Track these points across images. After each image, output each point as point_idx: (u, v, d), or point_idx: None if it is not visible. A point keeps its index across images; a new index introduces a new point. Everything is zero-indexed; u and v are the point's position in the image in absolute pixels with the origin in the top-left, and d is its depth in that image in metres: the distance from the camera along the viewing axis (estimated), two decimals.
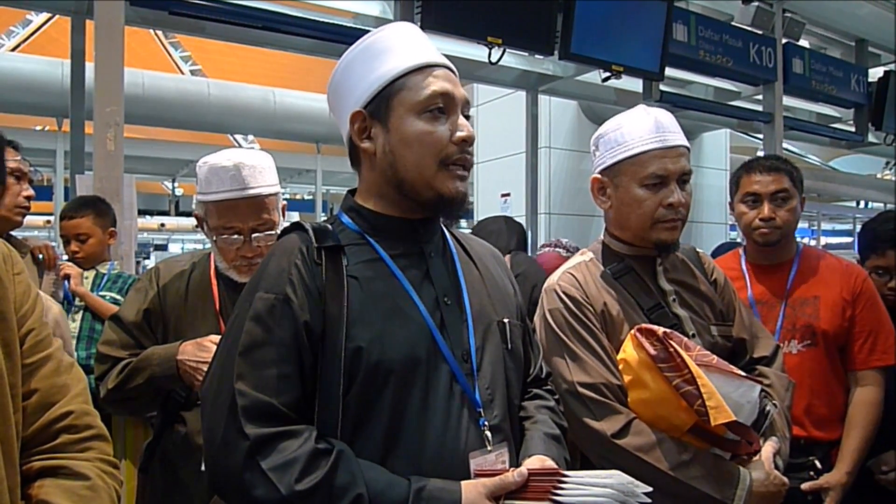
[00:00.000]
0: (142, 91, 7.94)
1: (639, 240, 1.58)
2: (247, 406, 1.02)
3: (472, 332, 1.17)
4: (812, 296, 2.01)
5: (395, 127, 1.14)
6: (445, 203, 1.15)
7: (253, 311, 1.09)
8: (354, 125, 1.17)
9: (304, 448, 1.00)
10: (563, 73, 5.17)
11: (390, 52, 1.16)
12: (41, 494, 0.91)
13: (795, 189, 2.03)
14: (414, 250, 1.19)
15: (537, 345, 1.39)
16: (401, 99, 1.14)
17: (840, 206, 17.64)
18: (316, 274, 1.10)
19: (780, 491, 1.44)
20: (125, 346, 1.69)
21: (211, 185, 1.67)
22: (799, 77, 5.63)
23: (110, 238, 2.81)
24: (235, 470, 1.00)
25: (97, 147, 2.73)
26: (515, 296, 1.34)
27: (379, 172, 1.17)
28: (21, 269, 1.01)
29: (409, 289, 1.14)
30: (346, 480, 0.99)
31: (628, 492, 1.02)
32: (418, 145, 1.13)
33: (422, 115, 1.13)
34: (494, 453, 1.12)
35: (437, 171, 1.13)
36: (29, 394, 0.95)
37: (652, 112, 1.55)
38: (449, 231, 1.30)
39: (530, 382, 1.33)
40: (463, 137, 1.14)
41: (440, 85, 1.14)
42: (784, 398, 1.61)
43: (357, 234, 1.19)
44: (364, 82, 1.16)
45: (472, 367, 1.15)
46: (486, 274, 1.28)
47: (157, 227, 18.66)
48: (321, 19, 3.84)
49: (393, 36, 1.18)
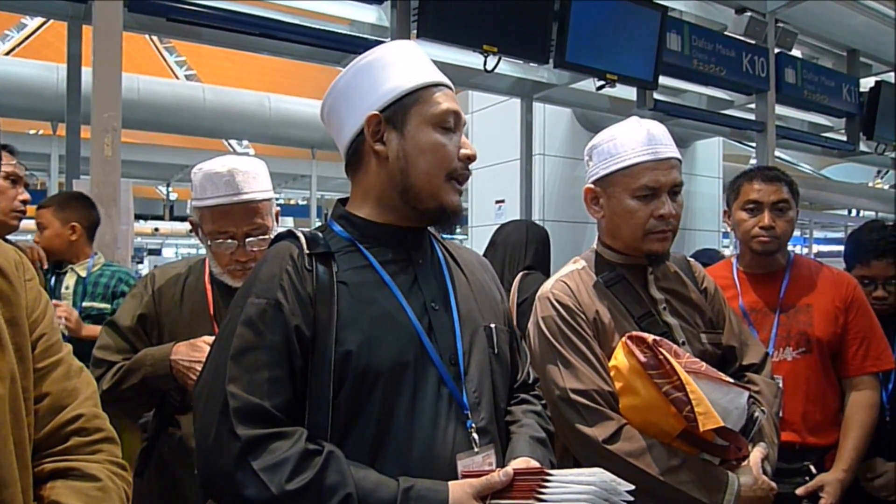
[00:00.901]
0: (137, 96, 7.91)
1: (630, 249, 1.60)
2: (238, 408, 1.04)
3: (460, 336, 1.20)
4: (805, 304, 2.04)
5: (411, 135, 1.19)
6: (446, 214, 1.21)
7: (245, 315, 1.11)
8: (370, 127, 1.20)
9: (294, 449, 1.03)
10: (557, 81, 5.20)
11: (403, 66, 1.22)
12: (53, 495, 0.93)
13: (793, 200, 2.07)
14: (403, 257, 1.23)
15: (524, 350, 1.42)
16: (418, 109, 1.19)
17: (832, 214, 17.74)
18: (307, 280, 1.13)
19: (768, 496, 1.46)
20: (120, 350, 1.71)
21: (206, 190, 1.69)
22: (791, 87, 5.67)
23: (71, 233, 2.79)
24: (227, 470, 1.02)
25: (94, 152, 2.74)
26: (502, 302, 1.38)
27: (387, 176, 1.20)
28: (32, 276, 1.02)
29: (397, 294, 1.17)
30: (335, 480, 1.01)
31: (611, 489, 1.05)
32: (432, 155, 1.18)
33: (436, 127, 1.19)
34: (481, 454, 1.15)
35: (443, 182, 1.19)
36: (40, 397, 0.97)
37: (645, 124, 1.58)
38: (436, 239, 1.34)
39: (517, 387, 1.35)
40: (468, 155, 1.22)
41: (451, 104, 1.21)
42: (772, 404, 1.63)
43: (347, 241, 1.22)
44: (380, 89, 1.20)
45: (460, 371, 1.18)
46: (473, 280, 1.32)
47: (152, 232, 18.60)
48: (317, 26, 3.85)
49: (403, 52, 1.25)
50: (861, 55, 6.52)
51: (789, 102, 5.92)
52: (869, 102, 6.37)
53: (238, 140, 13.78)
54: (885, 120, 6.38)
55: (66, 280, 2.80)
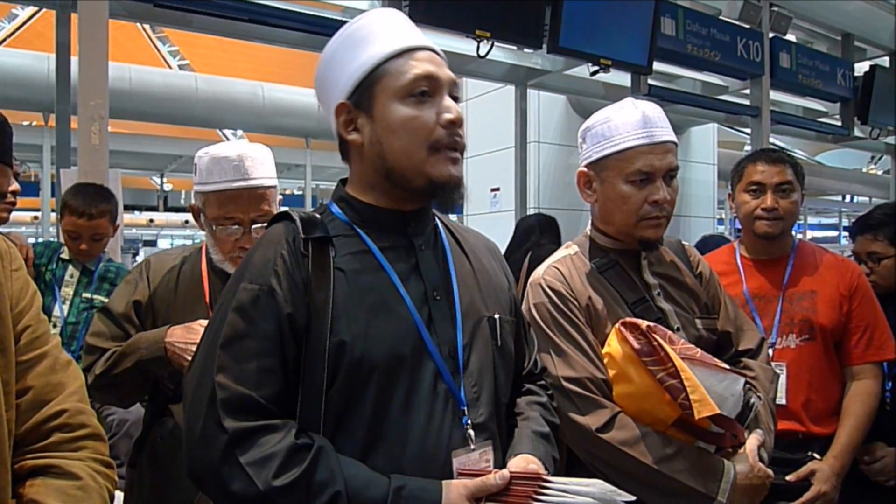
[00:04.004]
0: (129, 86, 7.87)
1: (623, 235, 1.58)
2: (226, 399, 1.00)
3: (461, 328, 1.15)
4: (809, 290, 2.01)
5: (379, 115, 1.11)
6: (438, 188, 1.12)
7: (236, 301, 1.07)
8: (340, 118, 1.15)
9: (283, 443, 0.99)
10: (551, 67, 5.18)
11: (371, 40, 1.14)
12: (31, 494, 0.91)
13: (798, 183, 2.03)
14: (404, 243, 1.17)
15: (532, 339, 1.38)
16: (383, 86, 1.11)
17: (826, 200, 17.78)
18: (302, 265, 1.08)
19: (764, 483, 1.44)
20: (114, 337, 1.69)
21: (212, 174, 1.66)
22: (786, 71, 5.65)
23: (115, 231, 2.78)
24: (213, 463, 0.99)
25: (82, 141, 2.71)
26: (509, 289, 1.32)
27: (368, 164, 1.15)
28: (20, 266, 1.00)
29: (396, 283, 1.12)
30: (324, 477, 0.98)
31: (609, 500, 1.02)
32: (404, 132, 1.10)
33: (406, 100, 1.10)
34: (478, 452, 1.11)
35: (427, 156, 1.10)
36: (23, 391, 0.94)
37: (640, 106, 1.54)
38: (442, 222, 1.28)
39: (524, 377, 1.31)
40: (450, 119, 1.11)
41: (423, 68, 1.12)
42: (769, 390, 1.61)
43: (346, 224, 1.16)
44: (346, 73, 1.14)
45: (459, 365, 1.13)
46: (478, 267, 1.26)
47: (146, 223, 18.57)
48: (309, 12, 3.81)
49: (373, 23, 1.16)
50: (855, 39, 6.50)
51: (784, 87, 5.92)
52: (863, 87, 6.37)
53: (232, 130, 13.73)
54: (879, 104, 6.38)
55: (70, 268, 2.77)
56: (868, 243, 2.27)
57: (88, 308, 2.75)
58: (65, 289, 2.73)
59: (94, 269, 2.81)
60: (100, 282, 2.79)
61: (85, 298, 2.75)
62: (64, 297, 2.73)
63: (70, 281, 2.75)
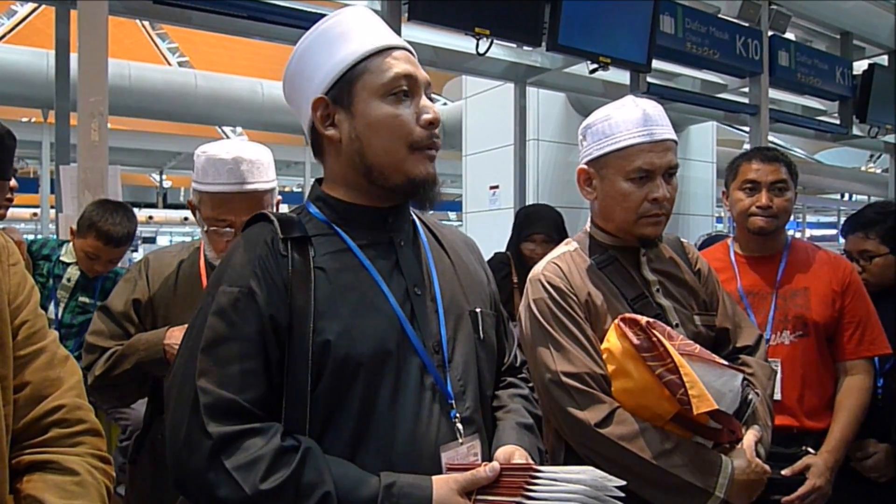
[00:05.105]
0: (128, 82, 7.84)
1: (623, 232, 1.58)
2: (209, 404, 0.99)
3: (444, 322, 1.16)
4: (802, 287, 2.03)
5: (360, 112, 1.11)
6: (417, 187, 1.13)
7: (216, 305, 1.06)
8: (317, 112, 1.14)
9: (269, 446, 0.98)
10: (551, 65, 5.18)
11: (348, 37, 1.14)
12: (29, 489, 0.90)
13: (791, 181, 2.05)
14: (383, 240, 1.17)
15: (511, 333, 1.39)
16: (364, 83, 1.11)
17: (825, 198, 17.79)
18: (282, 266, 1.08)
19: (761, 479, 1.45)
20: (114, 335, 1.69)
21: (207, 175, 1.66)
22: (785, 70, 5.65)
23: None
24: (199, 470, 0.97)
25: (81, 138, 2.70)
26: (489, 284, 1.33)
27: (346, 160, 1.15)
28: (17, 260, 0.99)
29: (378, 279, 1.12)
30: (313, 478, 0.97)
31: (601, 487, 1.02)
32: (386, 129, 1.11)
33: (386, 98, 1.11)
34: (466, 445, 1.11)
35: (407, 154, 1.11)
36: (21, 386, 0.94)
37: (641, 104, 1.54)
38: (420, 219, 1.28)
39: (504, 371, 1.32)
40: (429, 120, 1.12)
41: (402, 67, 1.12)
42: (766, 387, 1.62)
43: (324, 223, 1.16)
44: (323, 68, 1.14)
45: (444, 359, 1.13)
46: (457, 262, 1.27)
47: (146, 220, 18.54)
48: (308, 9, 3.81)
49: (348, 20, 1.17)
50: (854, 38, 6.49)
51: (783, 85, 5.91)
52: (862, 85, 6.36)
53: (231, 126, 13.71)
54: (878, 103, 6.38)
55: (70, 270, 2.75)
56: (860, 242, 2.29)
57: (83, 312, 2.73)
58: (60, 291, 2.71)
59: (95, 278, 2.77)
60: (101, 293, 2.76)
61: (81, 303, 2.74)
62: (60, 299, 2.72)
63: (67, 285, 2.74)
